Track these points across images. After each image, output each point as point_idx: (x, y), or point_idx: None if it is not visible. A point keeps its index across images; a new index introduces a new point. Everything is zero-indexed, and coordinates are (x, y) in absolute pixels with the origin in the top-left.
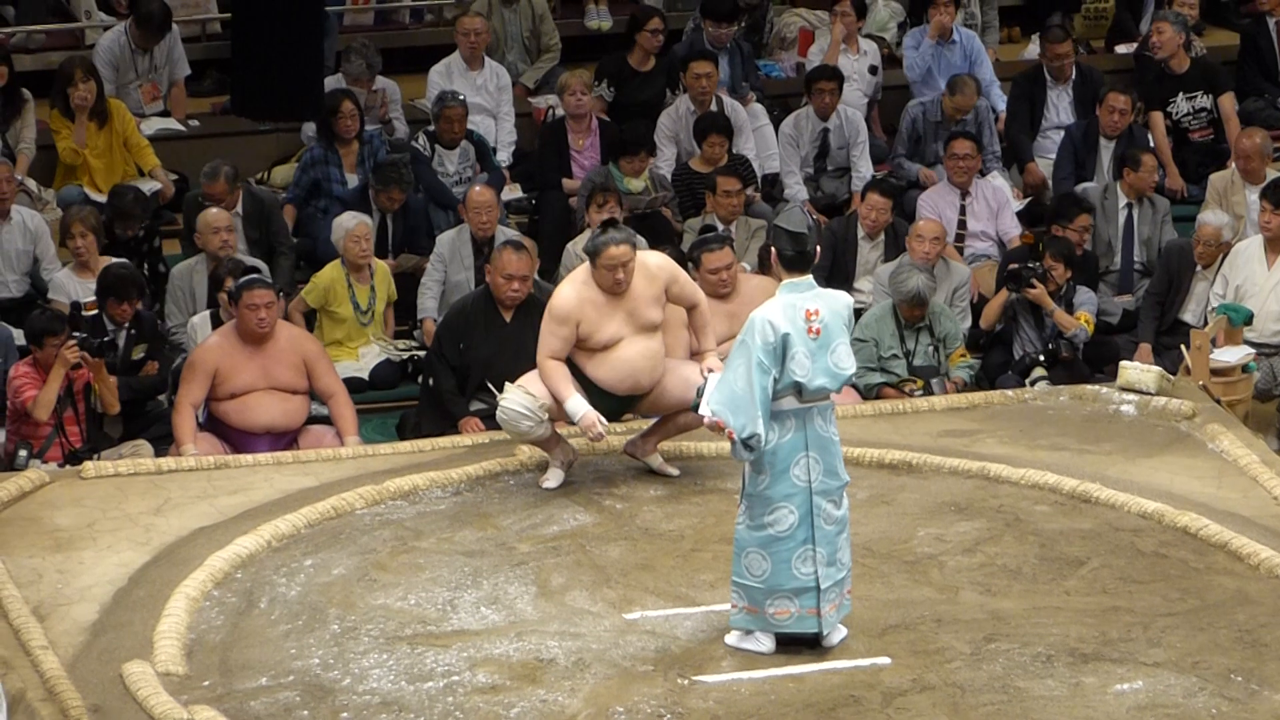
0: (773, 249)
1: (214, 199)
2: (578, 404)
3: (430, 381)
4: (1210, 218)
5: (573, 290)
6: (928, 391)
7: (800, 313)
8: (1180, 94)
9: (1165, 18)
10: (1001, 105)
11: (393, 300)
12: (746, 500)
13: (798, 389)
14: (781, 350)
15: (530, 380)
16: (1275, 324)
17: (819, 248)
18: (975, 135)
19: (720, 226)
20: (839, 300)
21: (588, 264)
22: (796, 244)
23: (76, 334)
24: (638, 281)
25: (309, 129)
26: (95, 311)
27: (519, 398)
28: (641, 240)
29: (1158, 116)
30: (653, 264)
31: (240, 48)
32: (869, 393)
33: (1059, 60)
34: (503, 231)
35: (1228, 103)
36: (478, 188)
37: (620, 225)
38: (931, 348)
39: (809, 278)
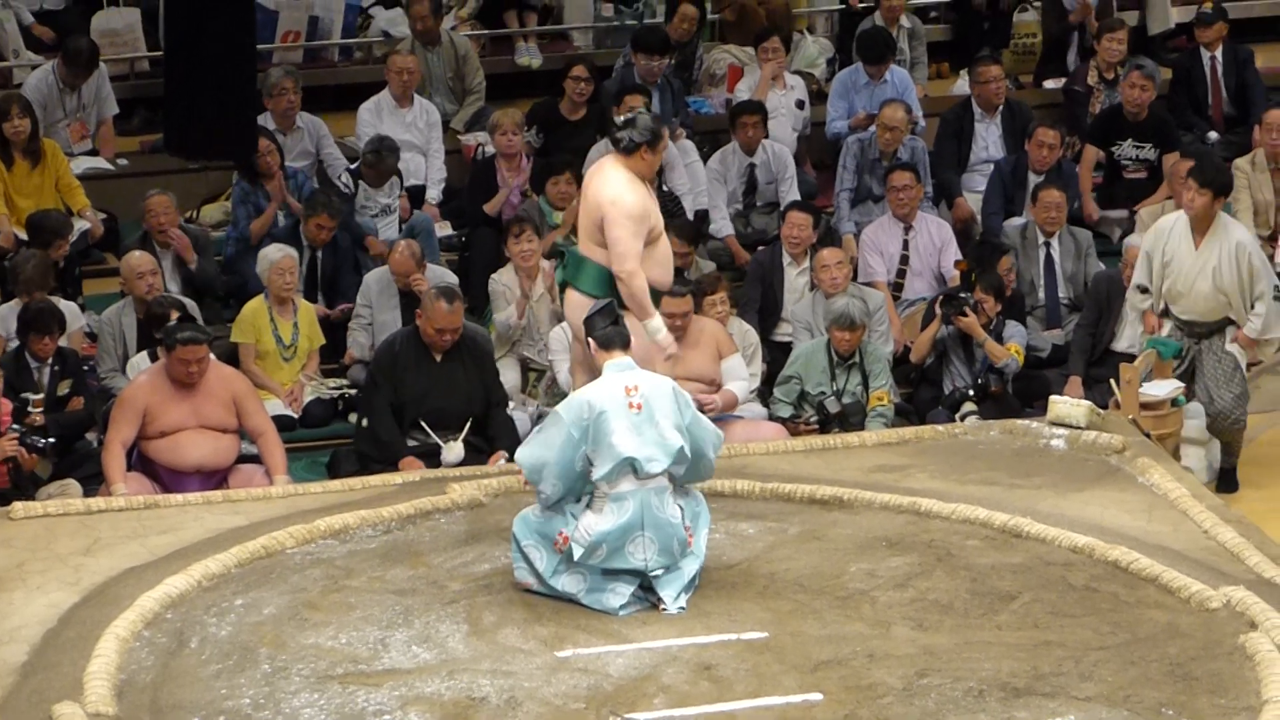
0: (590, 340)
1: (155, 214)
2: (660, 322)
3: (364, 422)
4: (1139, 240)
5: (635, 196)
6: (824, 423)
7: (620, 389)
8: (1130, 139)
9: (1148, 72)
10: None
11: (320, 345)
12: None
13: (633, 467)
14: (598, 427)
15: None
16: (1206, 302)
17: (630, 334)
18: (914, 166)
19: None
20: (659, 380)
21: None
22: (606, 316)
23: (17, 427)
24: None
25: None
26: (41, 408)
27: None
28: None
29: (1091, 151)
30: None
31: (173, 87)
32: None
33: (991, 83)
34: (438, 275)
35: (1171, 160)
36: (398, 253)
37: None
38: (861, 386)
39: (628, 359)
